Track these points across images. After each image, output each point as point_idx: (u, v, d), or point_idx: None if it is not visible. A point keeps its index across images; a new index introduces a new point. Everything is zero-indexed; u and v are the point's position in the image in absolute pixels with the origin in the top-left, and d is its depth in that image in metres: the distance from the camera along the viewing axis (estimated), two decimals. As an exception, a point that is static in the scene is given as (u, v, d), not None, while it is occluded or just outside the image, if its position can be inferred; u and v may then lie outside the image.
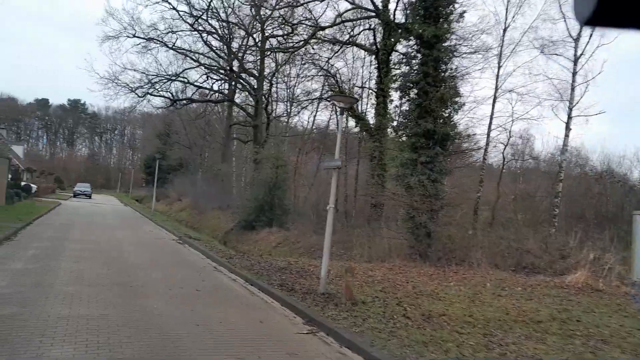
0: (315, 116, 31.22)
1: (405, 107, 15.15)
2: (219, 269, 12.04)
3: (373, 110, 21.81)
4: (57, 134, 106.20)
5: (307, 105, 27.12)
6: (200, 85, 32.08)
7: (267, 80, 28.58)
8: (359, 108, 21.43)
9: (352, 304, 8.30)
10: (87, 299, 7.43)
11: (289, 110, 31.73)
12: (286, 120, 33.90)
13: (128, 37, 26.49)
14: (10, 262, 10.10)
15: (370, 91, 20.96)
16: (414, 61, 15.14)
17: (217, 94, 33.43)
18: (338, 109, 9.51)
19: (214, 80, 35.36)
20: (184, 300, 8.05)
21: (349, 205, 26.50)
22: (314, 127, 33.88)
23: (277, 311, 8.14)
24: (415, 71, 14.81)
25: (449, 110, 14.76)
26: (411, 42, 15.50)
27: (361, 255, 16.37)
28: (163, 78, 29.23)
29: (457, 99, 14.89)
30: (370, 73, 24.26)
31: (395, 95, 20.79)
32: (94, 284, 8.60)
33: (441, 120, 14.67)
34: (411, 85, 15.01)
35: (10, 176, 31.65)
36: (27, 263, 10.07)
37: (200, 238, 18.68)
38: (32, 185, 35.51)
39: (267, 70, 28.96)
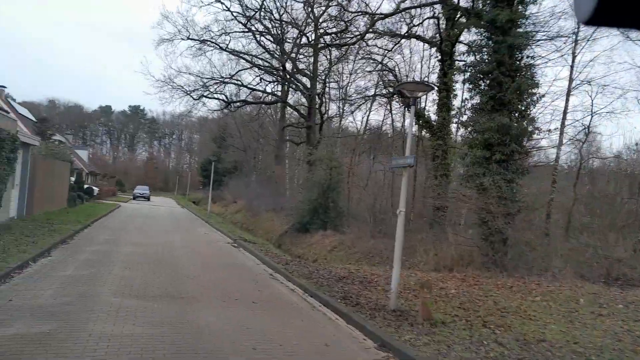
0: (368, 116, 30.07)
1: (475, 100, 13.65)
2: (275, 276, 11.10)
3: (434, 107, 20.34)
4: (119, 139, 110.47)
5: (361, 104, 25.97)
6: (254, 87, 31.65)
7: (320, 80, 27.68)
8: (418, 104, 20.00)
9: (431, 325, 7.07)
10: (133, 314, 6.62)
11: (341, 111, 30.68)
12: (338, 120, 32.87)
13: (182, 39, 26.34)
14: (62, 267, 9.58)
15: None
16: (484, 49, 13.62)
17: (270, 96, 32.84)
18: (407, 101, 8.37)
19: (267, 82, 34.93)
20: (239, 316, 7.10)
21: (406, 208, 25.07)
22: (367, 128, 32.67)
23: (343, 331, 7.04)
24: (487, 60, 13.30)
25: (525, 102, 13.15)
26: (480, 30, 13.98)
27: (425, 262, 15.00)
28: (217, 81, 28.96)
29: (534, 90, 13.24)
30: (430, 68, 22.79)
31: (459, 90, 19.28)
32: (143, 294, 7.83)
33: (517, 114, 13.10)
34: (482, 76, 13.51)
35: (73, 179, 32.45)
36: (78, 269, 9.51)
37: (255, 241, 17.91)
38: (94, 188, 36.35)
39: (320, 69, 28.04)
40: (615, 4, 0.87)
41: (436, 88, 19.26)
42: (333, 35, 24.99)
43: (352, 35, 22.62)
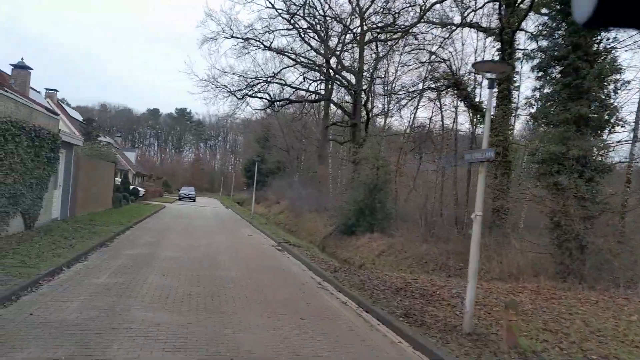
0: (415, 114, 28.44)
1: (547, 89, 12.05)
2: (324, 285, 9.97)
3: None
4: (167, 141, 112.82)
5: (409, 101, 24.44)
6: (297, 86, 30.74)
7: (366, 79, 26.42)
8: (473, 98, 18.38)
9: (519, 355, 5.73)
10: (164, 334, 5.63)
11: (386, 109, 29.26)
12: (384, 118, 31.43)
13: (226, 37, 25.76)
14: (95, 274, 8.81)
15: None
16: (557, 32, 12.00)
17: (314, 95, 31.84)
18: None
19: (310, 82, 33.96)
20: (286, 336, 6.00)
21: (459, 210, 23.33)
22: (414, 125, 31.07)
23: (411, 359, 5.80)
24: (561, 44, 11.67)
25: (606, 90, 11.45)
26: (552, 11, 12.36)
27: (487, 270, 13.47)
28: (261, 81, 28.21)
29: (617, 76, 11.52)
30: (485, 59, 21.01)
31: (521, 80, 17.55)
32: (178, 309, 6.87)
33: (597, 103, 11.42)
34: (554, 62, 11.90)
35: (119, 180, 32.55)
36: (112, 276, 8.70)
37: (300, 244, 16.85)
38: (139, 188, 36.50)
39: (365, 66, 26.75)
40: (615, 4, 0.86)
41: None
42: (379, 29, 23.66)
43: (400, 28, 21.25)
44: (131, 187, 32.99)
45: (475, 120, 18.32)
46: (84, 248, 10.99)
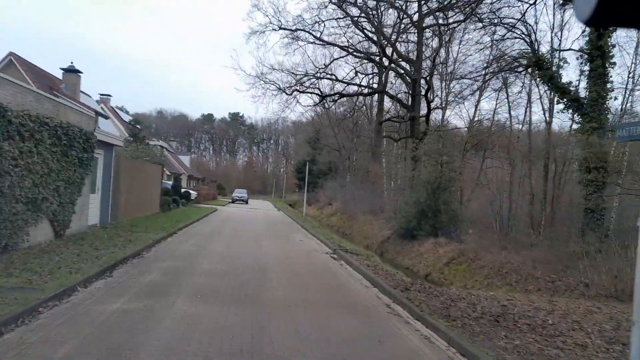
0: (477, 107, 25.55)
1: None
2: (394, 309, 7.76)
3: (581, 81, 15.77)
4: (221, 145, 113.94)
5: (475, 90, 21.73)
6: (349, 81, 28.62)
7: (424, 69, 23.89)
8: (559, 78, 15.49)
9: None
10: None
11: (444, 102, 26.54)
12: (442, 111, 28.65)
13: (274, 29, 24.03)
14: (113, 296, 7.06)
15: (580, 54, 14.94)
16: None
17: (366, 89, 29.59)
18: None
19: (363, 76, 31.78)
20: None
21: (535, 209, 20.31)
22: (476, 119, 28.15)
23: None
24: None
25: None
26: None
27: (592, 284, 10.76)
28: (310, 76, 26.32)
29: None
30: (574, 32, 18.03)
31: (618, 57, 14.54)
32: (205, 352, 4.92)
33: None
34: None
35: (171, 183, 31.66)
36: (131, 300, 6.92)
37: (358, 252, 14.65)
38: (191, 192, 35.60)
39: (424, 54, 24.20)
40: (615, 4, 0.86)
41: (583, 58, 14.76)
42: (440, 10, 21.11)
43: (464, 6, 18.67)
44: (183, 190, 32.03)
45: (564, 103, 15.44)
46: (112, 260, 9.36)
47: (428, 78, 22.04)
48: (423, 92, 23.05)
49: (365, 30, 24.49)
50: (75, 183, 11.65)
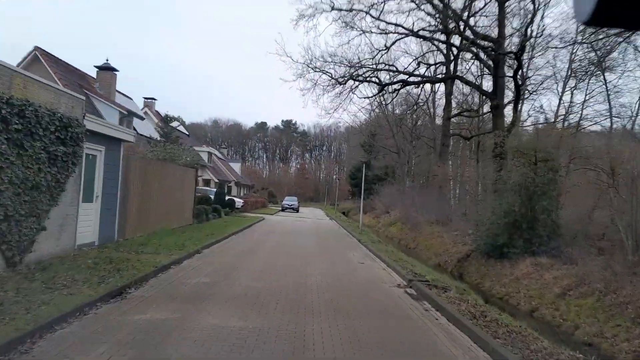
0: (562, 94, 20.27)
1: None
2: None
3: None
4: (274, 152, 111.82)
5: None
6: (411, 72, 24.16)
7: (510, 56, 19.09)
8: None
9: None
10: None
11: (522, 94, 21.40)
12: (515, 105, 23.48)
13: (324, 11, 20.09)
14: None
15: None
16: None
17: (433, 75, 24.98)
18: None
19: (426, 67, 27.23)
20: None
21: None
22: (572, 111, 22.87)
23: None
24: None
25: None
26: None
27: None
28: (367, 68, 22.11)
29: None
30: None
31: None
32: None
33: None
34: None
35: (215, 190, 28.44)
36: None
37: (445, 284, 10.08)
38: (237, 199, 32.25)
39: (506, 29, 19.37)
40: (615, 4, 0.84)
41: None
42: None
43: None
44: (227, 198, 28.69)
45: None
46: (67, 307, 5.60)
47: (519, 53, 17.12)
48: (512, 74, 18.15)
49: (433, 3, 19.97)
50: (41, 187, 8.06)
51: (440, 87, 30.43)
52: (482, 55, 19.78)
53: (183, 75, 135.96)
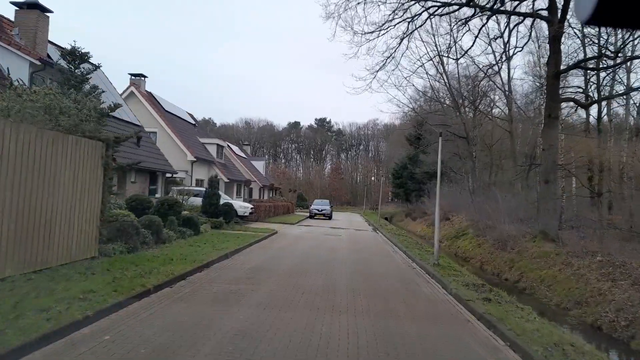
0: None
1: None
2: None
3: None
4: (308, 152, 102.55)
5: None
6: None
7: None
8: None
9: None
10: None
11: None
12: None
13: None
14: None
15: None
16: None
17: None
18: None
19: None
20: None
21: None
22: None
23: None
24: None
25: None
26: None
27: None
28: None
29: None
30: None
31: None
32: None
33: None
34: None
35: (204, 190, 19.10)
36: None
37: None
38: (241, 204, 22.67)
39: None
40: (615, 4, 0.83)
41: None
42: None
43: None
44: (222, 201, 19.20)
45: None
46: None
47: None
48: None
49: None
50: None
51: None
52: None
53: (215, 76, 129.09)
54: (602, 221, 15.22)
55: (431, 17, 15.25)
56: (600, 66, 17.37)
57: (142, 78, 27.83)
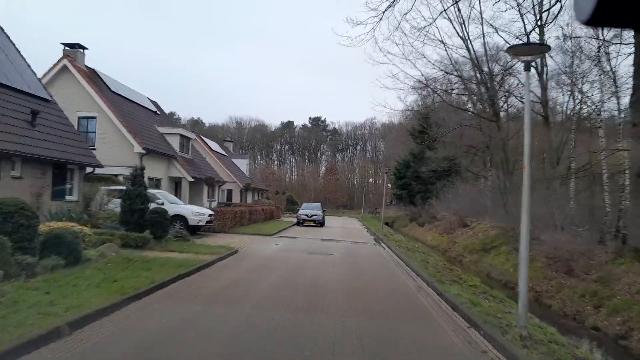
0: None
1: None
2: None
3: None
4: (302, 153, 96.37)
5: None
6: None
7: None
8: None
9: None
10: None
11: None
12: None
13: None
14: None
15: None
16: None
17: None
18: None
19: None
20: None
21: None
22: None
23: None
24: None
25: None
26: None
27: None
28: None
29: None
30: None
31: None
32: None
33: None
34: None
35: (125, 189, 12.97)
36: None
37: None
38: (197, 211, 16.46)
39: None
40: (615, 4, 0.82)
41: None
42: None
43: None
44: (152, 205, 13.02)
45: None
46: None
47: None
48: None
49: None
50: None
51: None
52: None
53: (201, 77, 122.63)
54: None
55: None
56: None
57: (81, 50, 21.68)
